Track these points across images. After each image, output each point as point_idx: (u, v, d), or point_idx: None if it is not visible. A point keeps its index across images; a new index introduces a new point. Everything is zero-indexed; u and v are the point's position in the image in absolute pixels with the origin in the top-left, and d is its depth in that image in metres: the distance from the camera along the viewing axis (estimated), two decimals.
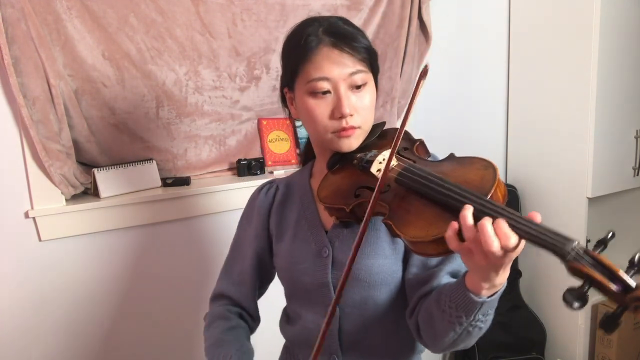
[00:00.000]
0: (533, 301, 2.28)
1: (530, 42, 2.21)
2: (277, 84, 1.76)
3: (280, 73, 1.80)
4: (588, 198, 2.04)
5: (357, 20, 1.84)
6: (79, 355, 1.52)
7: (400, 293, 0.94)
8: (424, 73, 0.82)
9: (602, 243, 0.63)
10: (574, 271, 0.61)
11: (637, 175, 2.16)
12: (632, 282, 0.58)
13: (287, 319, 1.09)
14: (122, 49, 1.48)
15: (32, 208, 1.41)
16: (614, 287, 0.59)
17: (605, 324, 0.59)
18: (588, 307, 2.12)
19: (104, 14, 1.44)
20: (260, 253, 1.09)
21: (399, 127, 0.88)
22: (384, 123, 1.02)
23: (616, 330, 0.58)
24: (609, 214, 2.38)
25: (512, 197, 2.28)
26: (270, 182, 1.12)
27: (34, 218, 1.41)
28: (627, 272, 0.60)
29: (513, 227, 0.64)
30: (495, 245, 0.63)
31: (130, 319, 1.59)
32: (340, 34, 0.90)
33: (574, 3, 2.00)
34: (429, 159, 0.92)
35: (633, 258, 0.61)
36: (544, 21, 2.14)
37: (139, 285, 1.59)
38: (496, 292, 0.73)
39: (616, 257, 0.64)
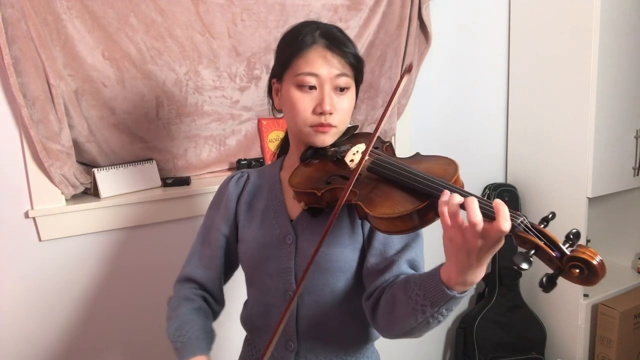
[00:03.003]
0: (533, 301, 2.29)
1: (530, 43, 2.22)
2: None
3: None
4: (588, 198, 2.04)
5: (357, 20, 1.85)
6: (79, 355, 1.52)
7: (356, 281, 1.00)
8: (408, 70, 0.89)
9: (545, 220, 0.74)
10: (521, 240, 0.71)
11: (637, 175, 2.17)
12: (567, 251, 0.69)
13: (247, 306, 1.14)
14: (122, 49, 1.48)
15: (32, 208, 1.41)
16: (554, 253, 0.69)
17: (545, 283, 0.68)
18: (588, 307, 2.12)
19: (104, 14, 1.44)
20: (228, 239, 1.12)
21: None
22: (357, 126, 1.09)
23: (553, 289, 0.68)
24: (609, 214, 2.38)
25: (512, 197, 2.28)
26: (241, 172, 1.17)
27: (34, 218, 1.41)
28: (563, 244, 0.70)
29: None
30: (479, 217, 0.69)
31: (130, 318, 1.59)
32: (334, 37, 0.98)
33: (574, 3, 2.00)
34: None
35: (569, 233, 0.71)
36: (544, 21, 2.14)
37: (139, 285, 1.59)
38: (466, 290, 0.78)
39: (617, 257, 0.65)
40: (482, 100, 2.30)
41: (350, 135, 1.06)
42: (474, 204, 0.70)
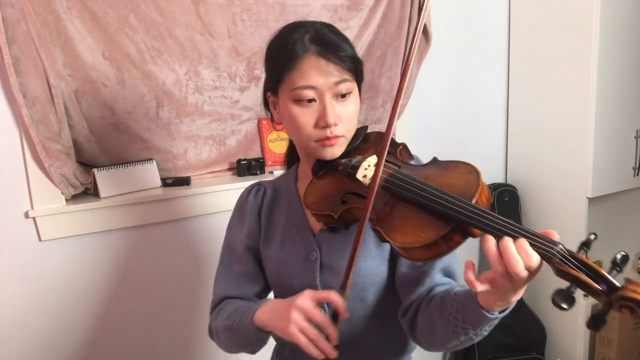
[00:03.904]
0: (533, 301, 2.28)
1: (530, 42, 2.22)
2: None
3: None
4: (588, 198, 2.04)
5: (357, 20, 1.84)
6: (78, 355, 1.52)
7: (388, 293, 0.95)
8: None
9: (585, 245, 0.64)
10: (561, 273, 0.62)
11: (637, 175, 2.16)
12: (616, 282, 0.60)
13: None
14: (122, 49, 1.48)
15: (32, 208, 1.41)
16: (599, 287, 0.60)
17: (592, 323, 0.61)
18: (588, 307, 2.12)
19: (104, 14, 1.44)
20: (256, 252, 1.07)
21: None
22: (366, 127, 1.02)
23: (602, 328, 0.60)
24: (609, 214, 2.38)
25: (512, 197, 2.28)
26: (258, 184, 1.10)
27: (34, 218, 1.41)
28: (609, 272, 0.61)
29: (502, 232, 0.66)
30: (520, 266, 0.63)
31: (130, 318, 1.59)
32: (327, 42, 0.89)
33: (574, 3, 2.00)
34: (412, 162, 0.93)
35: (615, 258, 0.62)
36: (544, 21, 2.14)
37: (139, 285, 1.59)
38: (507, 308, 0.73)
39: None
40: (482, 100, 2.30)
41: (362, 139, 0.98)
42: (510, 249, 0.63)
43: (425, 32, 1.97)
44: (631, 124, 2.11)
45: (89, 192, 1.52)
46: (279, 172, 1.78)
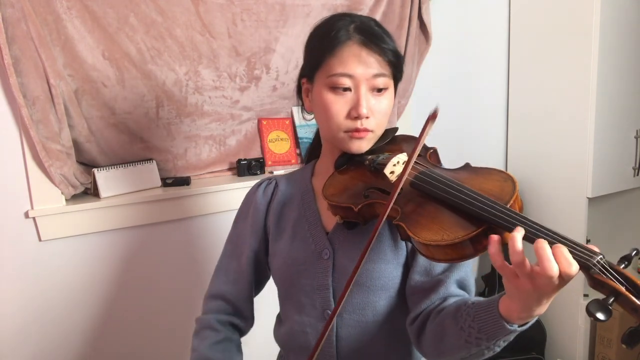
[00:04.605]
0: None
1: (530, 42, 2.22)
2: (277, 84, 1.77)
3: (280, 72, 1.80)
4: (588, 198, 2.04)
5: None
6: (78, 355, 1.52)
7: (399, 300, 0.92)
8: (432, 117, 0.77)
9: (626, 259, 0.62)
10: (597, 283, 0.60)
11: (637, 175, 2.16)
12: None
13: (281, 324, 1.06)
14: (122, 49, 1.48)
15: (32, 208, 1.41)
16: (639, 302, 0.57)
17: (628, 339, 0.58)
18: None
19: (104, 14, 1.44)
20: (256, 250, 1.06)
21: (408, 133, 0.86)
22: (396, 129, 1.00)
23: (639, 344, 0.57)
24: (609, 214, 2.38)
25: None
26: (269, 179, 1.09)
27: (34, 218, 1.41)
28: None
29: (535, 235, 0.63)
30: (555, 270, 0.59)
31: (130, 318, 1.59)
32: (371, 33, 0.89)
33: (574, 3, 2.00)
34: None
35: None
36: (544, 21, 2.14)
37: (139, 285, 1.59)
38: (528, 322, 0.70)
39: (617, 257, 0.64)
40: (482, 100, 2.30)
41: (389, 140, 0.97)
42: (545, 252, 0.59)
43: (425, 32, 1.97)
44: (631, 124, 2.11)
45: (89, 192, 1.52)
46: (279, 172, 1.78)
